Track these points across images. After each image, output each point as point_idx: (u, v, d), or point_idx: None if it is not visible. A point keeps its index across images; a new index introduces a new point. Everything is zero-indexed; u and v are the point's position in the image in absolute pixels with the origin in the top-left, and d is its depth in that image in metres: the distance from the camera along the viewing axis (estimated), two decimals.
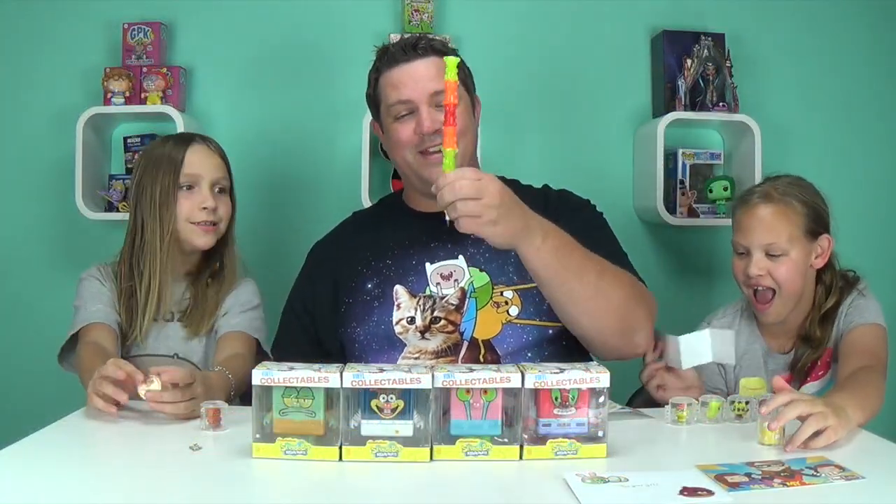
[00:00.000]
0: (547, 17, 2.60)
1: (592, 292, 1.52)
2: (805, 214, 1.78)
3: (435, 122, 1.64)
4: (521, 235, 1.44)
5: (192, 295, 1.84)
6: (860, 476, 1.14)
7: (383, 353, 1.69)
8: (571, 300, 1.53)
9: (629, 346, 1.61)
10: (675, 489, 1.08)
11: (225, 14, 2.55)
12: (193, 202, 1.80)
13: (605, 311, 1.54)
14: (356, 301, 1.74)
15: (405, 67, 1.68)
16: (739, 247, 1.82)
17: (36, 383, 2.49)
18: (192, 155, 1.81)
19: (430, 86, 1.66)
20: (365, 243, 1.79)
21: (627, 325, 1.58)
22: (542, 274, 1.50)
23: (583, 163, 2.58)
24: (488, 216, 1.38)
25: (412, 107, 1.67)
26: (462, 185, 1.35)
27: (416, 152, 1.69)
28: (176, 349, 1.81)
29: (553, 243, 1.48)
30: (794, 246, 1.76)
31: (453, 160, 1.39)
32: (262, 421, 1.21)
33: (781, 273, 1.76)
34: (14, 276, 2.55)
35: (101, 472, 1.21)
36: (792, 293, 1.78)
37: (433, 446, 1.21)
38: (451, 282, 1.69)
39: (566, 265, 1.49)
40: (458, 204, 1.36)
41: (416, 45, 1.69)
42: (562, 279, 1.50)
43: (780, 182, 1.82)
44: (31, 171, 2.53)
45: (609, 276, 1.55)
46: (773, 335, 1.86)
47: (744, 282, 1.81)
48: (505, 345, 1.66)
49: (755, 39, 2.62)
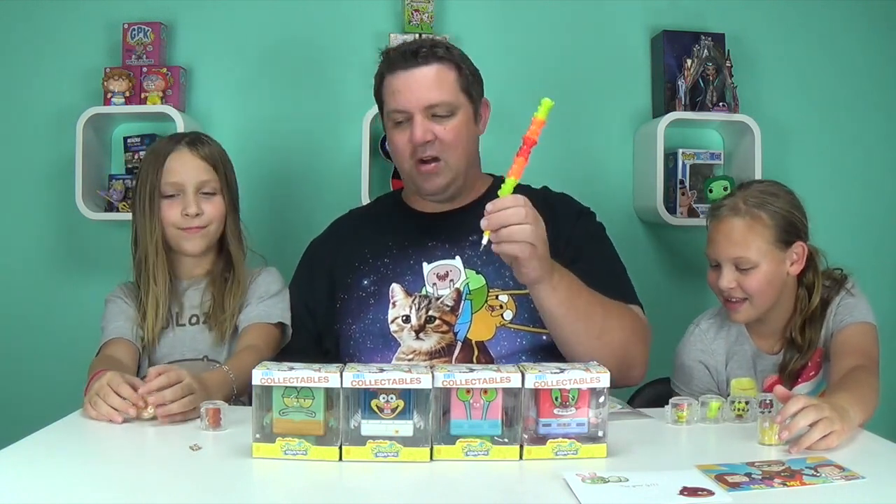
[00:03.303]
0: (547, 17, 2.60)
1: (597, 332, 1.57)
2: (774, 226, 1.75)
3: (427, 132, 1.66)
4: (547, 273, 1.48)
5: (212, 296, 1.83)
6: (860, 476, 1.14)
7: (377, 351, 1.69)
8: (577, 339, 1.58)
9: (625, 379, 1.66)
10: (675, 489, 1.08)
11: (225, 14, 2.55)
12: (176, 209, 1.78)
13: (608, 351, 1.57)
14: (352, 297, 1.74)
15: (404, 75, 1.68)
16: (711, 259, 1.82)
17: (36, 383, 2.49)
18: (172, 162, 1.79)
19: (426, 96, 1.66)
20: (363, 241, 1.80)
21: (626, 362, 1.63)
22: (554, 312, 1.54)
23: (583, 163, 2.58)
24: (541, 247, 1.42)
25: (408, 115, 1.68)
26: (524, 213, 1.39)
27: (411, 161, 1.71)
28: (205, 352, 1.80)
29: (566, 283, 1.53)
30: (765, 258, 1.75)
31: (511, 189, 1.42)
32: (262, 421, 1.21)
33: (752, 285, 1.75)
34: (14, 276, 2.55)
35: (101, 472, 1.21)
36: (763, 302, 1.78)
37: (433, 446, 1.21)
38: (447, 282, 1.70)
39: (576, 305, 1.54)
40: (518, 229, 1.39)
41: (418, 53, 1.68)
42: (572, 318, 1.55)
43: (751, 191, 1.80)
44: (31, 171, 2.53)
45: (613, 317, 1.60)
46: (760, 336, 1.86)
47: (717, 292, 1.82)
48: (499, 348, 1.67)
49: (755, 39, 2.62)
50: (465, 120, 1.71)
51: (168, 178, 1.78)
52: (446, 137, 1.68)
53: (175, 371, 1.43)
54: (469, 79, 1.73)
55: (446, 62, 1.69)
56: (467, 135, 1.72)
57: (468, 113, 1.72)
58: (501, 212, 1.39)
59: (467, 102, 1.72)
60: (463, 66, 1.72)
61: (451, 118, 1.69)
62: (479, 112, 1.77)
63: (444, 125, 1.68)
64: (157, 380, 1.40)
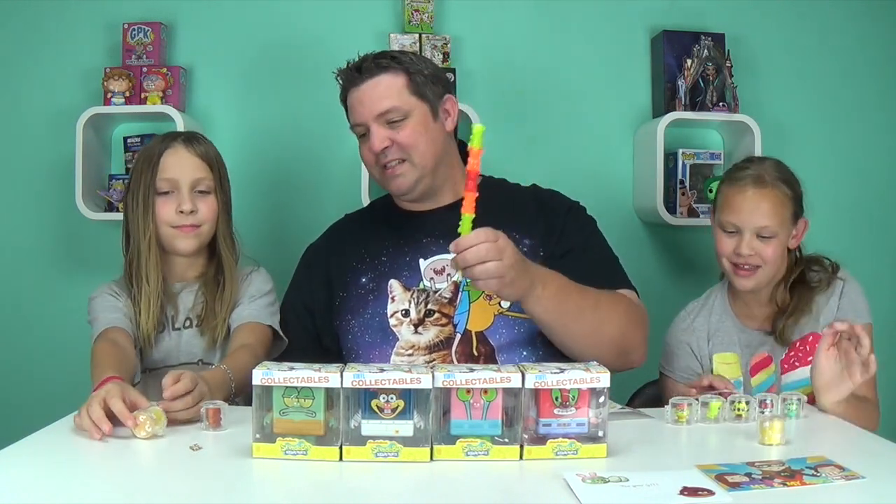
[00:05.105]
0: (547, 17, 2.60)
1: (591, 329, 1.62)
2: (792, 199, 1.87)
3: (383, 140, 1.72)
4: (528, 289, 1.52)
5: (205, 299, 1.82)
6: (860, 476, 1.14)
7: (376, 346, 1.72)
8: (572, 339, 1.63)
9: (626, 364, 1.71)
10: (675, 489, 1.08)
11: (225, 14, 2.55)
12: (171, 206, 1.77)
13: (605, 342, 1.63)
14: (350, 295, 1.77)
15: (355, 91, 1.75)
16: (729, 225, 1.87)
17: (36, 383, 2.49)
18: (168, 158, 1.77)
19: (376, 106, 1.73)
20: (359, 241, 1.83)
21: (624, 348, 1.68)
22: (543, 318, 1.59)
23: (583, 163, 2.58)
24: (508, 276, 1.45)
25: (366, 128, 1.74)
26: (485, 249, 1.41)
27: (378, 168, 1.77)
28: (200, 355, 1.80)
29: (552, 290, 1.56)
30: (782, 229, 1.85)
31: (469, 224, 1.43)
32: (263, 421, 1.21)
33: (769, 253, 1.84)
34: (14, 276, 2.55)
35: (101, 472, 1.21)
36: (773, 271, 1.86)
37: (433, 446, 1.21)
38: (444, 276, 1.74)
39: (565, 308, 1.58)
40: (480, 269, 1.42)
41: (360, 68, 1.75)
42: (562, 321, 1.60)
43: (766, 166, 1.89)
44: (31, 171, 2.53)
45: (605, 309, 1.64)
46: (744, 311, 1.93)
47: (729, 257, 1.87)
48: (497, 336, 1.70)
49: (755, 39, 2.62)
50: (420, 121, 1.74)
51: (163, 174, 1.77)
52: (404, 140, 1.73)
53: (189, 375, 1.42)
54: (420, 81, 1.75)
55: (391, 70, 1.74)
56: (427, 134, 1.75)
57: (423, 113, 1.75)
58: (465, 252, 1.42)
59: (420, 103, 1.75)
60: (413, 71, 1.76)
61: (406, 121, 1.73)
62: (441, 110, 1.79)
63: (399, 129, 1.73)
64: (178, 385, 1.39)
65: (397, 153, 1.73)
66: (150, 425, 1.31)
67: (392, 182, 1.76)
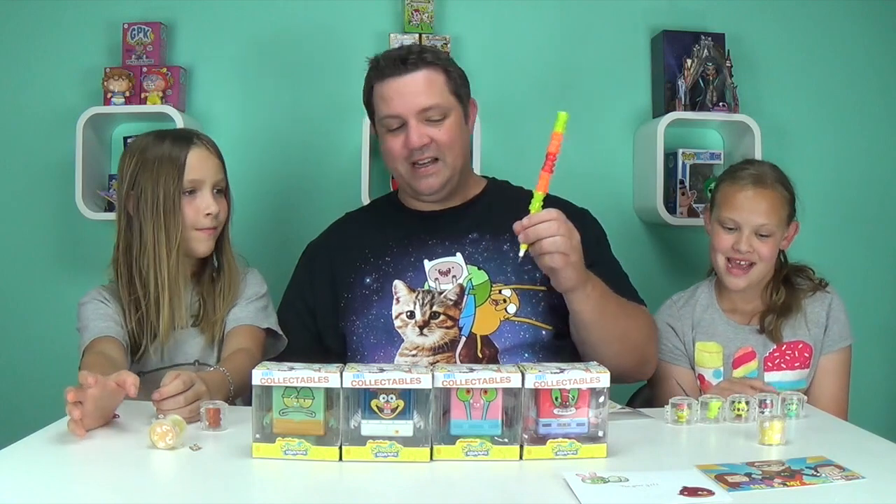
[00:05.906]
0: (547, 17, 2.60)
1: (621, 334, 1.66)
2: (789, 201, 1.93)
3: (423, 136, 1.69)
4: (582, 282, 1.55)
5: (201, 298, 1.79)
6: (860, 476, 1.14)
7: (381, 347, 1.71)
8: (604, 341, 1.65)
9: (641, 374, 1.80)
10: (675, 489, 1.08)
11: (225, 14, 2.55)
12: (197, 208, 1.72)
13: (629, 350, 1.68)
14: (355, 295, 1.76)
15: (394, 82, 1.71)
16: (729, 221, 1.91)
17: (36, 383, 2.49)
18: (193, 158, 1.72)
19: (418, 101, 1.69)
20: (363, 241, 1.81)
21: (644, 357, 1.74)
22: (587, 317, 1.61)
23: (583, 163, 2.58)
24: (573, 257, 1.49)
25: (402, 121, 1.71)
26: (556, 225, 1.46)
27: (407, 164, 1.73)
28: (196, 356, 1.76)
29: (599, 290, 1.60)
30: (779, 229, 1.91)
31: (540, 202, 1.48)
32: (262, 421, 1.21)
33: (765, 251, 1.89)
34: (14, 276, 2.55)
35: (100, 472, 1.21)
36: (766, 270, 1.92)
37: (433, 446, 1.21)
38: (449, 278, 1.72)
39: (608, 311, 1.62)
40: (549, 241, 1.46)
41: (406, 60, 1.71)
42: (602, 322, 1.62)
43: (764, 167, 1.96)
44: (31, 171, 2.53)
45: (633, 319, 1.70)
46: (730, 306, 1.98)
47: (725, 253, 1.92)
48: (502, 339, 1.70)
49: (755, 39, 2.62)
50: (457, 121, 1.74)
51: (190, 174, 1.71)
52: (443, 139, 1.71)
53: (184, 375, 1.41)
54: (457, 81, 1.76)
55: (435, 67, 1.73)
56: (461, 135, 1.76)
57: (459, 114, 1.76)
58: (537, 225, 1.45)
59: (457, 104, 1.75)
60: (451, 70, 1.75)
61: (445, 120, 1.72)
62: (468, 112, 1.80)
63: (438, 128, 1.71)
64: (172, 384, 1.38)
65: (433, 151, 1.71)
66: (171, 437, 1.25)
67: (422, 181, 1.74)
